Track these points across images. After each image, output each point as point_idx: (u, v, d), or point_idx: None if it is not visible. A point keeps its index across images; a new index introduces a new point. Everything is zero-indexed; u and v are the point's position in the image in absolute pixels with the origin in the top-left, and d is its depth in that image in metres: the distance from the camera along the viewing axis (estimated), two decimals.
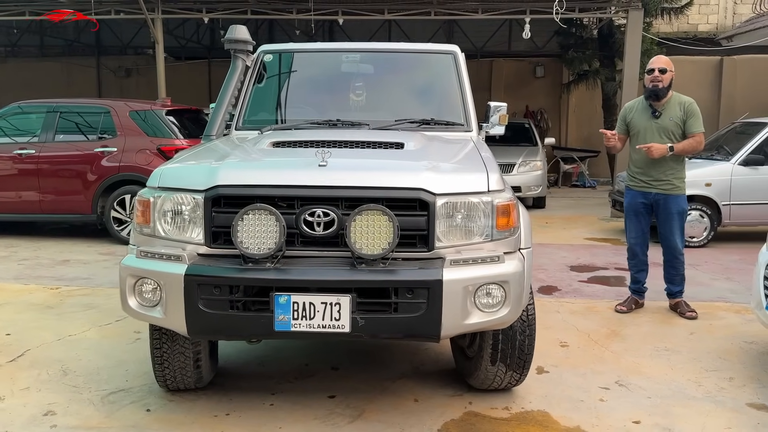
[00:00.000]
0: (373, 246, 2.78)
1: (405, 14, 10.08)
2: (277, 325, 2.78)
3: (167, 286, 2.84)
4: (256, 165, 3.19)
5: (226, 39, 4.50)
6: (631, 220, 5.03)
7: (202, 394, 3.50)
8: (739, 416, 3.28)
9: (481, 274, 2.84)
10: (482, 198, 2.96)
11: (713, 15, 15.81)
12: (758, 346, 4.30)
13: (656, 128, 4.78)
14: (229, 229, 2.88)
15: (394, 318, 2.79)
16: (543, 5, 9.77)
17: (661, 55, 5.04)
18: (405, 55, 4.71)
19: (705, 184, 7.64)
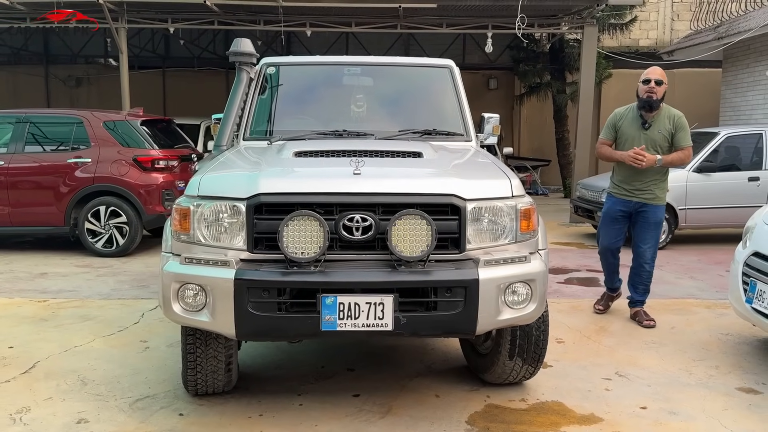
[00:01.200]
0: (413, 249, 2.96)
1: (372, 27, 10.32)
2: (324, 325, 2.92)
3: (216, 290, 2.94)
4: (295, 174, 3.32)
5: (231, 52, 4.60)
6: (606, 226, 5.06)
7: (229, 397, 3.59)
8: (732, 399, 3.61)
9: (512, 273, 3.06)
10: (507, 203, 3.19)
11: (653, 30, 16.70)
12: (733, 337, 4.68)
13: (644, 139, 4.77)
14: (269, 235, 3.02)
15: (434, 316, 2.98)
16: (503, 21, 10.18)
17: (657, 66, 4.96)
18: (403, 69, 4.92)
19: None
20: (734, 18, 12.69)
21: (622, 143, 4.92)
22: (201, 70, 15.97)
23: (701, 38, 13.41)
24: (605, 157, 5.05)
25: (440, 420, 3.33)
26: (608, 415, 3.40)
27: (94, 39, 15.44)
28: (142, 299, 5.69)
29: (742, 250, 4.34)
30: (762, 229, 4.19)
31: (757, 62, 12.58)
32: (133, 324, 4.95)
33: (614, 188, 5.04)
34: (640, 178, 4.83)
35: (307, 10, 9.87)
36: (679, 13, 16.59)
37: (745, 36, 11.32)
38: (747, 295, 4.09)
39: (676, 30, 16.70)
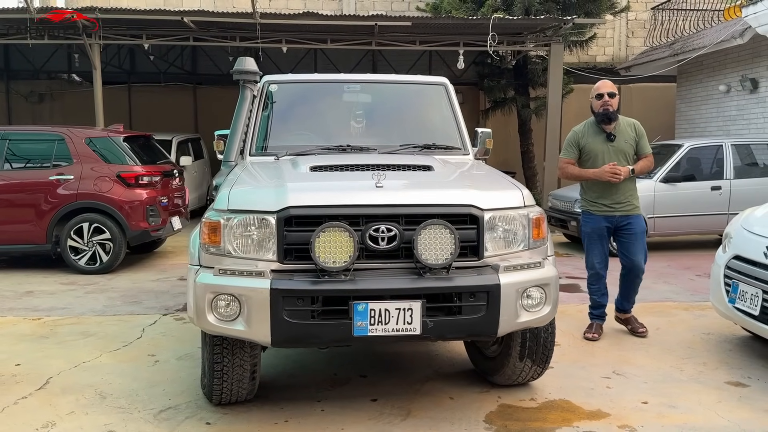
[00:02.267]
0: (437, 256, 3.14)
1: (348, 44, 10.52)
2: (356, 330, 3.07)
3: (252, 300, 3.06)
4: (321, 188, 3.45)
5: (235, 70, 4.71)
6: (595, 245, 4.91)
7: (251, 406, 3.68)
8: (723, 392, 3.89)
9: (529, 278, 3.27)
10: (519, 212, 3.41)
11: (609, 47, 17.36)
12: (715, 336, 4.99)
13: (613, 151, 4.78)
14: (299, 246, 3.17)
15: (459, 320, 3.16)
16: (473, 38, 10.52)
17: (606, 80, 5.01)
18: (400, 86, 5.11)
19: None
20: (688, 36, 13.36)
21: (590, 160, 4.84)
22: (168, 86, 15.88)
23: (657, 54, 14.05)
24: (574, 176, 4.95)
25: (459, 420, 3.49)
26: (614, 410, 3.62)
27: (57, 54, 15.20)
28: (138, 315, 5.71)
29: (722, 254, 4.66)
30: (741, 234, 4.51)
31: (709, 77, 13.26)
32: (136, 339, 4.97)
33: (592, 206, 4.91)
34: (617, 192, 4.80)
35: (283, 27, 10.01)
36: (633, 30, 17.28)
37: (700, 53, 11.93)
38: (730, 296, 4.40)
39: (631, 46, 17.39)
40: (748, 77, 11.80)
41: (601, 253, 4.92)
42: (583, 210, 5.05)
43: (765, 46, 11.34)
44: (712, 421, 3.48)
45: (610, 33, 17.10)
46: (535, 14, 12.09)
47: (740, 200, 8.79)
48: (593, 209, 4.90)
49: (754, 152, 9.67)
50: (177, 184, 8.56)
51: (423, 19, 10.57)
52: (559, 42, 10.76)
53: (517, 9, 11.92)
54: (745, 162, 9.46)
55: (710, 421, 3.48)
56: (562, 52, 11.05)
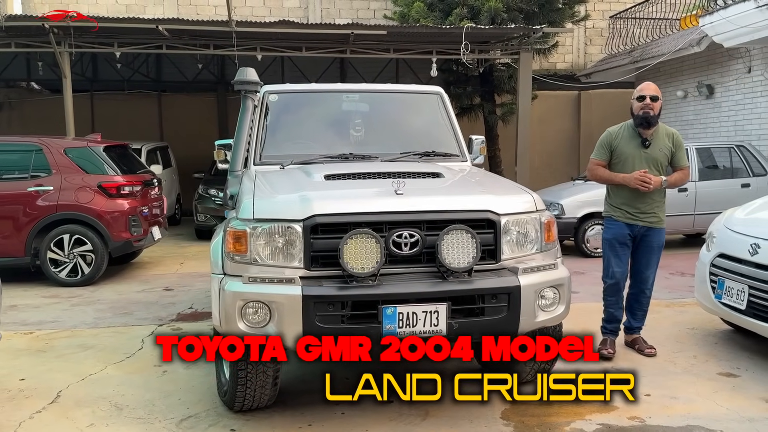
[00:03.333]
0: (460, 260, 3.27)
1: (322, 52, 10.60)
2: (385, 332, 3.18)
3: (284, 306, 3.13)
4: (344, 195, 3.55)
5: (236, 81, 4.75)
6: (616, 253, 4.62)
7: (271, 412, 3.74)
8: (717, 383, 4.13)
9: (545, 279, 3.43)
10: (532, 216, 3.57)
11: (569, 54, 17.88)
12: (699, 331, 5.26)
13: (645, 158, 4.52)
14: (325, 253, 3.27)
15: (482, 321, 3.30)
16: (446, 47, 10.74)
17: (650, 82, 4.75)
18: (397, 95, 5.25)
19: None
20: (646, 43, 13.89)
21: (620, 163, 4.59)
22: (132, 93, 15.65)
23: (617, 62, 14.56)
24: (604, 179, 4.68)
25: (477, 418, 3.63)
26: (620, 403, 3.79)
27: (16, 61, 14.82)
28: (133, 326, 5.67)
29: (706, 252, 4.93)
30: (724, 233, 4.78)
31: (667, 83, 13.80)
32: (138, 350, 4.95)
33: (616, 211, 4.64)
34: (644, 201, 4.53)
35: (259, 35, 10.03)
36: (591, 38, 17.84)
37: (660, 60, 12.44)
38: (716, 292, 4.66)
39: (589, 54, 17.95)
40: (705, 83, 12.36)
41: (621, 263, 4.63)
42: (605, 215, 4.78)
43: (720, 54, 11.90)
44: (713, 410, 3.71)
45: (570, 41, 17.60)
46: (501, 23, 12.41)
47: (704, 201, 9.22)
48: (616, 215, 4.63)
49: (714, 155, 10.14)
50: (156, 193, 8.49)
51: (397, 28, 10.72)
52: (528, 50, 11.08)
53: (483, 18, 12.20)
54: (707, 165, 9.91)
55: (711, 410, 3.71)
56: (531, 60, 11.37)
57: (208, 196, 11.44)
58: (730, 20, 10.15)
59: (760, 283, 4.25)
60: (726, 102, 11.98)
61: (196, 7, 15.73)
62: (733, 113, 11.78)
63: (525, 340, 3.42)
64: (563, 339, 3.69)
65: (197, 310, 6.27)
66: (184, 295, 6.92)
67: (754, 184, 9.34)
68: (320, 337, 3.14)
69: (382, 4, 16.27)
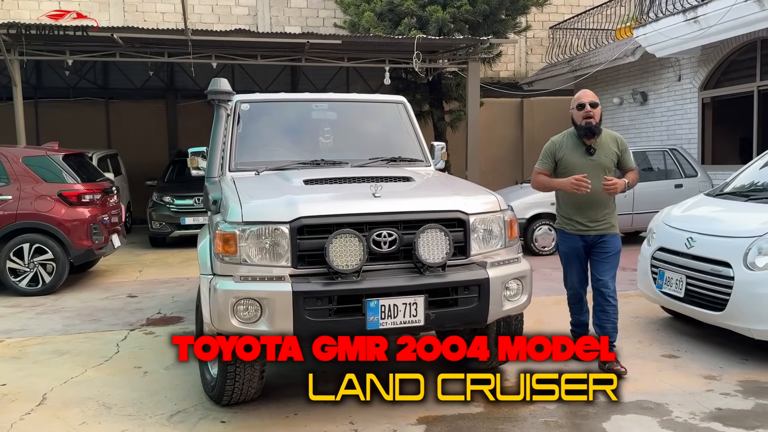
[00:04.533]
0: (436, 256, 3.58)
1: (277, 60, 10.78)
2: (369, 324, 3.46)
3: (275, 302, 3.37)
4: (326, 198, 3.81)
5: (209, 91, 4.92)
6: (573, 265, 4.65)
7: (257, 404, 3.95)
8: (661, 364, 4.57)
9: (510, 272, 3.78)
10: (497, 215, 3.92)
11: (511, 63, 18.57)
12: (642, 319, 5.74)
13: (592, 166, 4.42)
14: (311, 252, 3.53)
15: (455, 311, 3.61)
16: (398, 56, 11.12)
17: (586, 89, 4.75)
18: (362, 104, 5.54)
19: (550, 203, 9.35)
20: (585, 53, 14.63)
21: (567, 173, 4.47)
22: (78, 101, 15.41)
23: (557, 71, 15.26)
24: (543, 186, 4.68)
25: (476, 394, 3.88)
26: None
27: None
28: (104, 332, 5.75)
29: (647, 247, 5.40)
30: (663, 229, 5.27)
31: (603, 91, 14.57)
32: (114, 354, 5.06)
33: (567, 224, 4.62)
34: (594, 210, 4.49)
35: (214, 43, 10.14)
36: (532, 48, 18.58)
37: (598, 69, 13.14)
38: (657, 283, 5.13)
39: (530, 62, 18.69)
40: (639, 91, 13.13)
41: (579, 272, 4.65)
42: (558, 227, 4.79)
43: (652, 63, 12.68)
44: (659, 386, 4.13)
45: (512, 50, 18.27)
46: (448, 33, 12.88)
47: (642, 202, 9.85)
48: (568, 228, 4.61)
49: (649, 158, 10.83)
50: (114, 201, 8.51)
51: (352, 38, 11.00)
52: (476, 60, 11.55)
53: (431, 28, 12.64)
54: (643, 167, 10.56)
55: (657, 387, 4.13)
56: (479, 69, 11.86)
57: (163, 203, 11.43)
58: (662, 32, 10.89)
59: (695, 273, 4.73)
60: (659, 108, 12.77)
61: (143, 14, 15.62)
62: (666, 118, 12.58)
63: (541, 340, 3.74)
64: (579, 339, 4.01)
65: (166, 315, 6.38)
66: (149, 302, 7.00)
67: (686, 184, 10.05)
68: (309, 330, 3.39)
69: (331, 12, 16.55)
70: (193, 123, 16.32)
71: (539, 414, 3.77)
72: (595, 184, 4.38)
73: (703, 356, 4.69)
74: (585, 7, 16.77)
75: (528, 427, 3.63)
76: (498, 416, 3.75)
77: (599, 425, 3.60)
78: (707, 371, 4.38)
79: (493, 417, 3.74)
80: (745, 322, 4.39)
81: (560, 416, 3.73)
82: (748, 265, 4.36)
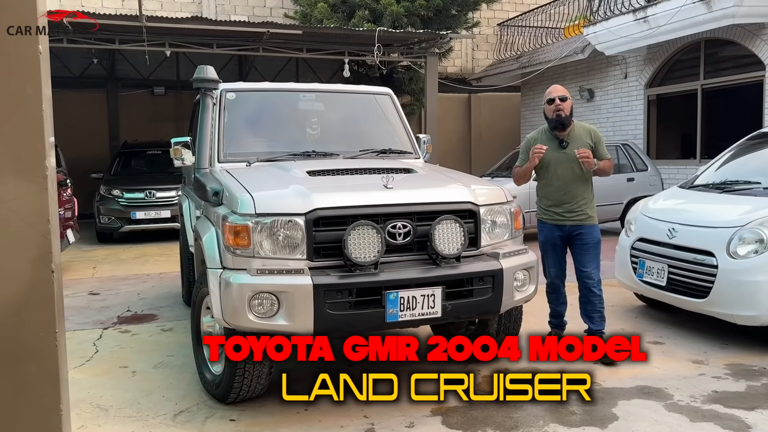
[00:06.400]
0: (451, 248, 3.58)
1: (233, 49, 10.50)
2: (389, 317, 3.43)
3: (294, 296, 3.28)
4: (341, 190, 3.73)
5: (195, 79, 4.78)
6: (549, 255, 4.75)
7: (263, 401, 3.84)
8: (650, 350, 4.71)
9: (520, 262, 3.83)
10: (504, 207, 3.96)
11: (458, 59, 18.79)
12: (619, 308, 5.93)
13: (565, 159, 4.56)
14: (326, 245, 3.47)
15: (471, 302, 3.63)
16: (357, 48, 11.05)
17: (557, 84, 4.87)
18: (350, 95, 5.46)
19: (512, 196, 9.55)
20: (533, 51, 14.95)
21: (543, 168, 4.66)
22: None
23: (506, 67, 15.55)
24: (519, 176, 4.85)
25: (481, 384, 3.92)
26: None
27: None
28: (76, 331, 5.46)
29: (626, 237, 5.58)
30: (642, 220, 5.45)
31: None
32: (94, 354, 4.83)
33: (545, 214, 4.75)
34: (569, 200, 4.62)
35: (167, 30, 9.78)
36: (478, 44, 18.86)
37: (548, 66, 13.47)
38: (638, 272, 5.31)
39: (477, 59, 18.98)
40: (586, 88, 13.55)
41: (556, 263, 4.74)
42: (537, 218, 4.91)
43: (599, 61, 13.11)
44: (653, 372, 4.28)
45: (458, 46, 18.49)
46: (401, 27, 12.91)
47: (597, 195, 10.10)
48: (545, 218, 4.76)
49: None
50: (68, 195, 8.10)
51: (313, 28, 10.85)
52: (434, 54, 11.62)
53: (385, 21, 12.64)
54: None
55: (652, 372, 4.27)
56: (437, 63, 11.95)
57: (112, 197, 10.97)
58: (612, 31, 11.27)
59: (678, 262, 4.91)
60: (605, 105, 13.22)
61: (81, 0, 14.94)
62: (612, 115, 13.03)
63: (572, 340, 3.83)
64: (610, 339, 4.05)
65: (137, 312, 6.13)
66: (114, 299, 6.71)
67: (638, 178, 10.45)
68: (331, 322, 3.33)
69: (279, 2, 16.30)
70: (135, 113, 15.76)
71: (549, 401, 3.83)
72: (568, 175, 4.61)
73: (686, 342, 4.89)
74: (530, 5, 17.17)
75: (541, 412, 3.68)
76: (510, 405, 3.78)
77: (609, 411, 3.69)
78: (693, 356, 4.57)
79: (505, 406, 3.77)
80: (729, 309, 4.60)
81: (568, 402, 3.80)
82: (731, 254, 4.56)
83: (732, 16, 9.30)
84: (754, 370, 4.28)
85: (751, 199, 4.92)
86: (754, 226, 4.56)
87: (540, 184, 4.81)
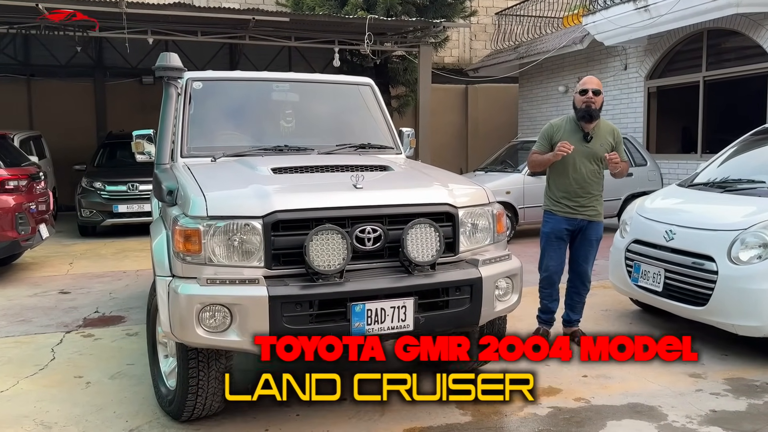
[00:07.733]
0: (425, 254, 3.25)
1: (219, 37, 10.13)
2: (354, 330, 3.10)
3: (248, 308, 2.96)
4: (303, 190, 3.40)
5: (157, 66, 4.42)
6: (552, 247, 4.66)
7: (221, 419, 3.53)
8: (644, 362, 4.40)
9: (502, 270, 3.50)
10: (486, 209, 3.62)
11: (455, 49, 18.39)
12: (612, 312, 5.61)
13: (585, 153, 4.49)
14: (287, 251, 3.14)
15: (446, 314, 3.30)
16: (348, 37, 10.68)
17: (592, 76, 4.76)
18: (328, 86, 5.12)
19: (506, 192, 9.23)
20: (531, 41, 14.57)
21: (563, 159, 4.49)
22: None
23: (504, 57, 15.17)
24: (535, 163, 4.72)
25: (436, 410, 3.63)
26: (563, 386, 3.98)
27: None
28: (35, 335, 5.15)
29: (621, 238, 5.25)
30: (638, 220, 5.12)
31: (549, 79, 14.59)
32: (50, 361, 4.51)
33: (555, 205, 4.65)
34: (583, 194, 4.56)
35: (150, 17, 9.41)
36: (476, 34, 18.46)
37: (546, 56, 13.09)
38: (632, 276, 4.98)
39: (474, 49, 18.58)
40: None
41: (557, 257, 4.68)
42: (545, 209, 4.79)
43: (598, 52, 12.74)
44: (647, 387, 3.97)
45: (456, 36, 18.09)
46: (395, 15, 12.52)
47: None
48: (555, 209, 4.65)
49: None
50: (42, 188, 7.78)
51: (300, 15, 10.48)
52: (428, 44, 11.25)
53: (379, 9, 12.26)
54: None
55: (645, 387, 3.96)
56: (431, 53, 11.57)
57: (93, 189, 10.64)
58: (612, 20, 10.89)
59: (675, 267, 4.58)
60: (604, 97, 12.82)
61: None
62: (611, 107, 12.64)
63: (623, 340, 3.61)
64: (661, 339, 3.73)
65: (105, 314, 5.81)
66: (84, 299, 6.39)
67: (637, 173, 10.08)
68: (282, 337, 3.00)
69: None
70: (123, 103, 15.40)
71: (530, 421, 3.53)
72: (588, 171, 4.58)
73: None
74: None
75: None
76: (488, 425, 3.48)
77: None
78: (691, 369, 4.24)
79: (483, 427, 3.46)
80: (729, 318, 4.28)
81: (554, 424, 3.49)
82: (732, 259, 4.24)
83: (736, 5, 8.94)
84: (756, 386, 3.97)
85: (755, 200, 4.59)
86: (758, 230, 4.23)
87: (553, 174, 4.71)
